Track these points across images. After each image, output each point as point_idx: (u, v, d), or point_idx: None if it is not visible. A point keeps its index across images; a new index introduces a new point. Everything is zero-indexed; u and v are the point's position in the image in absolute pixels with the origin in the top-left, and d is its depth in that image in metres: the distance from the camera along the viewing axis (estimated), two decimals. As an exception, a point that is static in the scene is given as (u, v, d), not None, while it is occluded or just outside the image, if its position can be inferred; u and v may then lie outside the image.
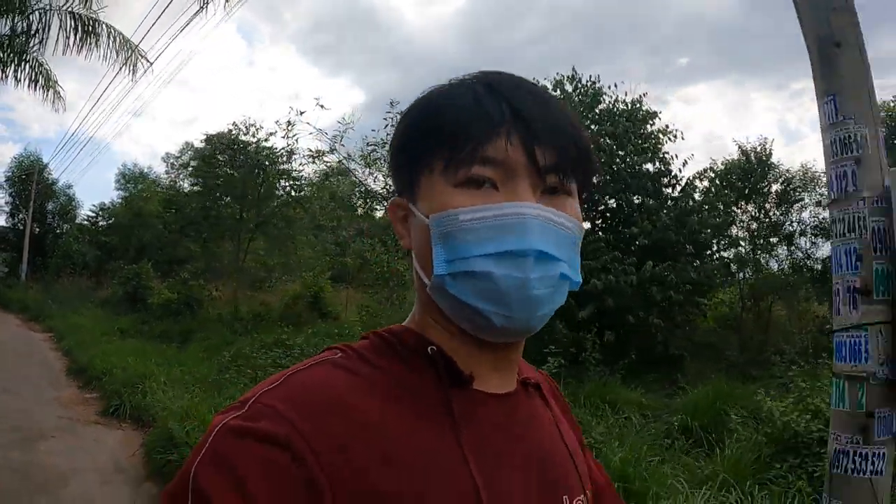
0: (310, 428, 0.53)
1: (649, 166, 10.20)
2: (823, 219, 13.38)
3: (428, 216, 0.61)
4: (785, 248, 14.40)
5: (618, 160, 9.74)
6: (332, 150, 10.86)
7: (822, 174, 12.96)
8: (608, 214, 9.66)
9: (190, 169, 16.59)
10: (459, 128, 0.60)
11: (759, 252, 13.73)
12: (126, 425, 6.08)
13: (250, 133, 13.82)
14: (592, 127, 10.27)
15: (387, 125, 10.42)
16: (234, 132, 13.88)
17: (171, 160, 29.36)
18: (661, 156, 10.29)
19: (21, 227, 27.06)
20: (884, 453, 1.79)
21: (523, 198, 0.59)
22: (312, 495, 0.51)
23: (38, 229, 27.27)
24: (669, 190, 9.96)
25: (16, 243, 27.17)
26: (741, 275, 12.59)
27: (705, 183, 10.98)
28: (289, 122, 11.59)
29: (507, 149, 0.59)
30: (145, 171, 28.44)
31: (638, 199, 9.49)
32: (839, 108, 1.97)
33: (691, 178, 10.26)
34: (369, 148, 11.31)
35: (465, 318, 0.62)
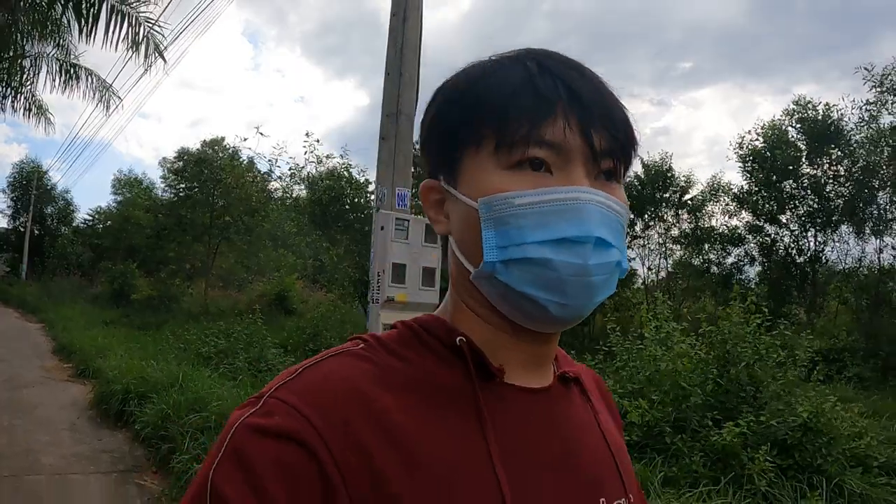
0: (326, 424, 0.52)
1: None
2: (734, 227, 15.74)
3: (475, 199, 0.60)
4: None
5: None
6: (269, 172, 13.33)
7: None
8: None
9: (175, 177, 19.26)
10: (514, 106, 0.58)
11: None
12: (88, 382, 8.62)
13: (216, 150, 16.46)
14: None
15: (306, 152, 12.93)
16: (202, 149, 16.55)
17: (168, 164, 32.26)
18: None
19: (21, 230, 30.08)
20: None
21: (579, 183, 0.58)
22: (328, 493, 0.51)
23: (37, 231, 30.23)
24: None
25: (17, 244, 30.22)
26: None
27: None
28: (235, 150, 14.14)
29: (565, 131, 0.58)
30: (139, 176, 31.05)
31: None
32: (404, 200, 4.38)
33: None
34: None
35: (515, 306, 0.60)
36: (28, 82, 13.34)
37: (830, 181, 13.94)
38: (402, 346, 0.62)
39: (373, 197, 15.73)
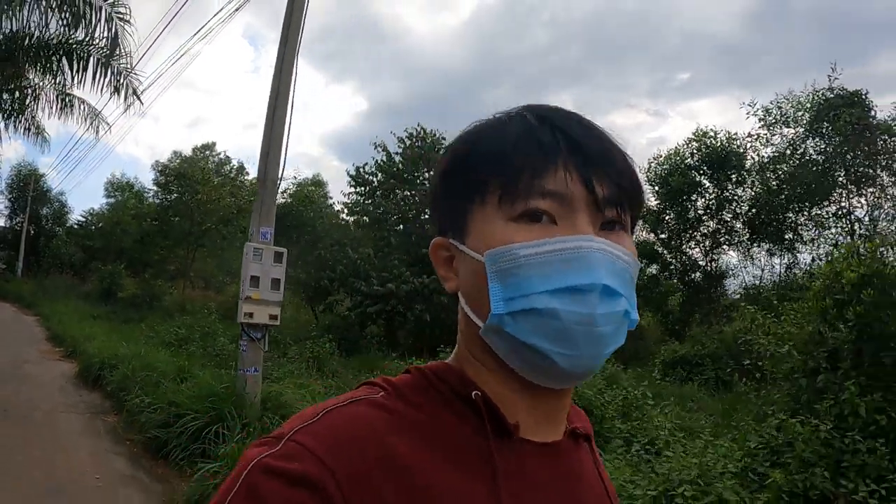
0: (343, 471, 0.54)
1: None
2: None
3: (482, 253, 0.62)
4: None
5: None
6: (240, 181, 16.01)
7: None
8: (414, 237, 14.60)
9: (159, 189, 22.12)
10: (515, 158, 0.61)
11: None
12: (75, 360, 11.31)
13: (207, 155, 19.27)
14: (430, 172, 15.41)
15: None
16: (181, 165, 19.38)
17: (158, 167, 35.15)
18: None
19: (18, 229, 33.06)
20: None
21: (584, 232, 0.60)
22: None
23: (33, 231, 33.18)
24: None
25: (13, 243, 33.21)
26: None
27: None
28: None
29: (567, 181, 0.60)
30: (131, 180, 33.89)
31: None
32: (266, 237, 7.01)
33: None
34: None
35: (524, 360, 0.62)
36: (28, 108, 16.12)
37: (729, 204, 16.46)
38: (416, 393, 0.64)
39: (325, 209, 18.38)
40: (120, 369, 8.59)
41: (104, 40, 11.17)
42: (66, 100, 15.14)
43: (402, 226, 14.03)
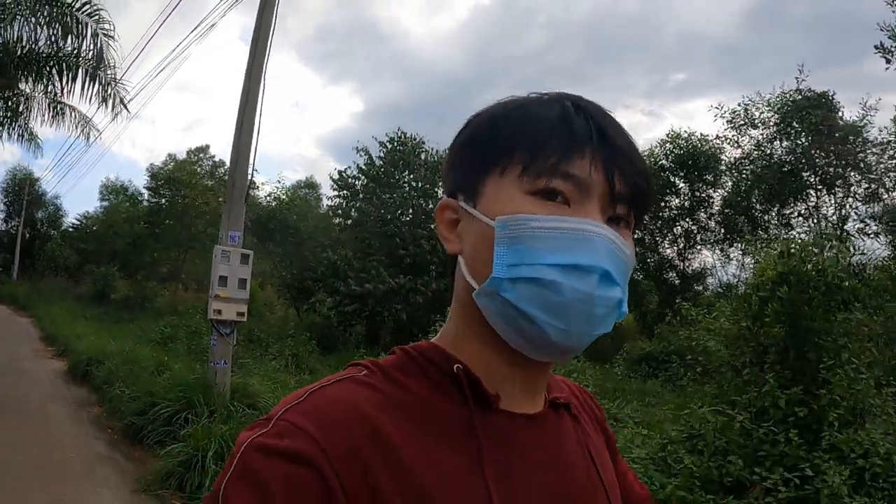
0: (335, 449, 0.57)
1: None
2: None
3: (493, 218, 0.64)
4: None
5: (427, 204, 15.46)
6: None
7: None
8: (397, 239, 15.24)
9: (150, 193, 22.85)
10: (548, 137, 0.64)
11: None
12: (66, 358, 11.98)
13: (201, 159, 19.98)
14: (411, 175, 16.07)
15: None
16: (173, 169, 20.11)
17: (153, 170, 35.87)
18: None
19: (13, 232, 33.81)
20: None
21: (594, 218, 0.63)
22: None
23: (28, 234, 33.92)
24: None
25: (9, 246, 33.98)
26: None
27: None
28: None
29: (591, 169, 0.63)
30: (125, 183, 34.57)
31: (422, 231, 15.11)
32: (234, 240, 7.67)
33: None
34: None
35: (514, 328, 0.64)
36: (21, 116, 16.81)
37: (703, 204, 17.09)
38: (401, 372, 0.67)
39: (309, 212, 19.03)
40: (106, 365, 9.24)
41: (91, 53, 11.86)
42: (58, 108, 15.83)
43: (381, 227, 14.65)
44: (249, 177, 7.40)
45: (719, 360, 6.00)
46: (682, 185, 17.16)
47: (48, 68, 12.46)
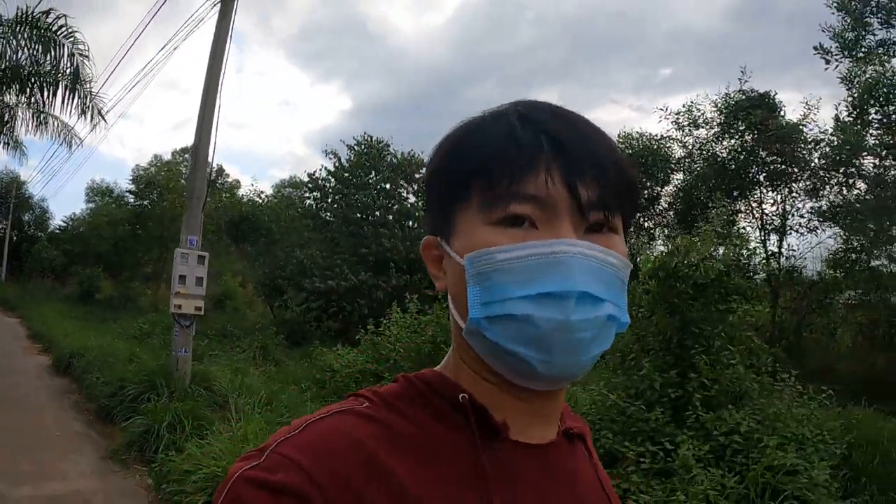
0: (326, 479, 0.56)
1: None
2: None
3: (463, 256, 0.63)
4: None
5: (390, 203, 16.60)
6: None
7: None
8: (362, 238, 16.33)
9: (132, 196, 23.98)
10: (495, 161, 0.61)
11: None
12: (51, 353, 13.09)
13: (164, 169, 21.05)
14: (377, 175, 17.18)
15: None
16: (158, 169, 21.19)
17: (133, 175, 36.90)
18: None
19: (1, 235, 34.86)
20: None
21: (565, 236, 0.60)
22: None
23: (15, 237, 34.96)
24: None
25: (-3, 249, 35.04)
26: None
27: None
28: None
29: (548, 185, 0.60)
30: (111, 185, 35.56)
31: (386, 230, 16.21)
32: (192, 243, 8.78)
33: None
34: None
35: (504, 364, 0.63)
36: (8, 125, 17.89)
37: (657, 201, 18.25)
38: (403, 402, 0.66)
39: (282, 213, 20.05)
40: (85, 357, 10.35)
41: (69, 69, 12.95)
42: (41, 118, 16.89)
43: (347, 227, 15.77)
44: (206, 188, 8.49)
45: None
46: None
47: (31, 84, 13.52)
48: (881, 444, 6.41)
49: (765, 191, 17.19)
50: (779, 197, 17.18)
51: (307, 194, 17.55)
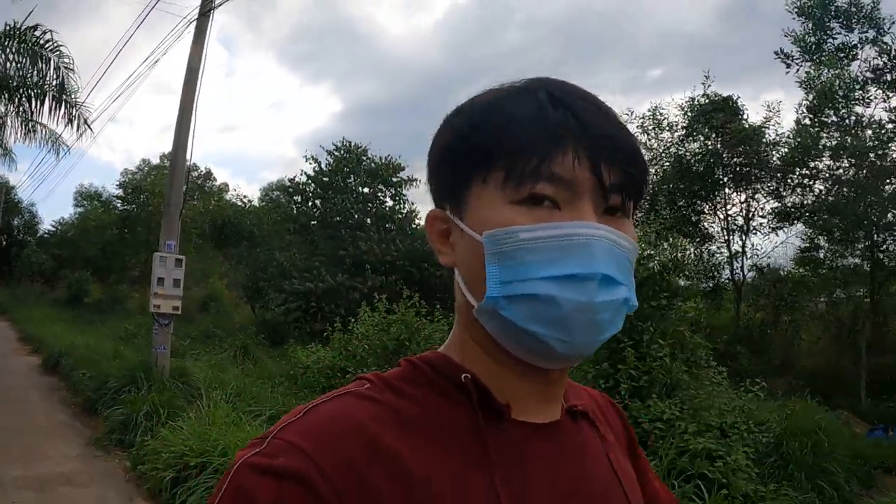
0: (329, 462, 0.56)
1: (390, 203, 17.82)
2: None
3: (480, 233, 0.63)
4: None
5: (368, 207, 17.33)
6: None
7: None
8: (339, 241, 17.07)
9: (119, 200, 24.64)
10: (523, 139, 0.61)
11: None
12: (40, 354, 13.74)
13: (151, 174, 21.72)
14: (356, 179, 17.89)
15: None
16: (147, 173, 21.85)
17: (120, 180, 37.50)
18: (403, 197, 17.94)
19: (-10, 240, 35.42)
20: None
21: (587, 218, 0.61)
22: None
23: (5, 241, 35.50)
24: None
25: (-14, 253, 35.55)
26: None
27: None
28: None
29: (575, 166, 0.60)
30: (99, 189, 36.10)
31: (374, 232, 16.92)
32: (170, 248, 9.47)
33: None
34: None
35: (519, 343, 0.63)
36: (-3, 133, 18.51)
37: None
38: (406, 384, 0.66)
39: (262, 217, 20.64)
40: (73, 356, 11.03)
41: (55, 81, 13.63)
42: (30, 125, 17.54)
43: (325, 230, 16.48)
44: (183, 196, 9.19)
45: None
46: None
47: (19, 94, 14.17)
48: (815, 435, 6.76)
49: (728, 192, 17.95)
50: (743, 197, 17.96)
51: (288, 199, 18.23)
